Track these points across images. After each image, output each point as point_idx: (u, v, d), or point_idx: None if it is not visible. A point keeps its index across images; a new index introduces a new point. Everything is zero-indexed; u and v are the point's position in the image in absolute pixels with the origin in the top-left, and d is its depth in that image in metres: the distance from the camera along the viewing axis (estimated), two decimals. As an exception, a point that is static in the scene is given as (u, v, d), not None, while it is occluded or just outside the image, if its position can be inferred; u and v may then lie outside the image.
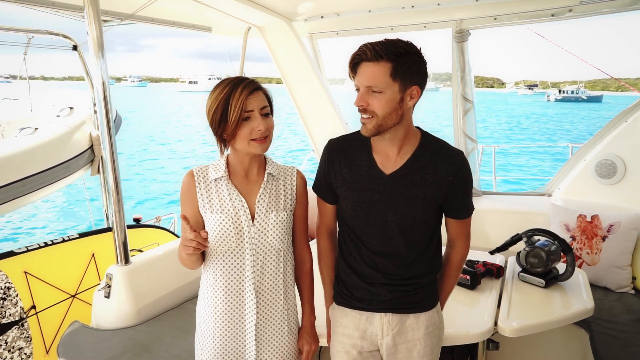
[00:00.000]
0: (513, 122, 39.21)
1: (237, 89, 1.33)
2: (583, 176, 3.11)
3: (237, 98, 1.31)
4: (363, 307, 1.47)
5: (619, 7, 2.69)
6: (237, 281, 1.42)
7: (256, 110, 1.34)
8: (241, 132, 1.34)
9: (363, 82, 1.29)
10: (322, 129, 3.71)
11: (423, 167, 1.38)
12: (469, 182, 1.43)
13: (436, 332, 1.49)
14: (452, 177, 1.38)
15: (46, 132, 3.95)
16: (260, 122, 1.34)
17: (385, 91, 1.28)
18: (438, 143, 1.43)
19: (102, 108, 2.03)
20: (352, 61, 1.32)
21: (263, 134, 1.35)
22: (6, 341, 2.41)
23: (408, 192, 1.38)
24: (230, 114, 1.31)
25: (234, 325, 1.43)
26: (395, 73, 1.26)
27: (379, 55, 1.26)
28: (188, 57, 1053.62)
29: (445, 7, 2.81)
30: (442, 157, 1.39)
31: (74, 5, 2.70)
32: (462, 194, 1.42)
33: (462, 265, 1.57)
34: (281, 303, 1.47)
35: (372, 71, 1.27)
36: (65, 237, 2.93)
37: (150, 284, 2.23)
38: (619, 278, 2.66)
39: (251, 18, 3.11)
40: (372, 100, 1.29)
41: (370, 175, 1.40)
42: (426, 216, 1.41)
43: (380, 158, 1.41)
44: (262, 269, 1.43)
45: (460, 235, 1.52)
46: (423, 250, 1.44)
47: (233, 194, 1.42)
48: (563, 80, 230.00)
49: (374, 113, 1.30)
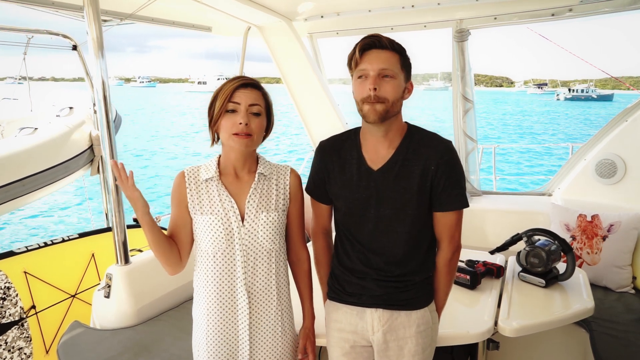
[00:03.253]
0: (512, 121, 39.18)
1: (230, 82, 1.37)
2: (583, 176, 3.11)
3: (225, 88, 1.35)
4: (354, 302, 1.47)
5: (618, 6, 2.69)
6: (229, 282, 1.41)
7: (243, 104, 1.34)
8: (224, 123, 1.35)
9: (377, 65, 1.32)
10: (322, 129, 3.71)
11: (409, 159, 1.38)
12: (454, 172, 1.39)
13: (428, 332, 1.47)
14: (434, 166, 1.36)
15: (46, 132, 3.94)
16: (242, 116, 1.33)
17: (396, 77, 1.33)
18: (422, 133, 1.43)
19: (102, 108, 2.03)
20: (362, 47, 1.34)
21: (244, 129, 1.33)
22: (6, 341, 2.41)
23: (396, 186, 1.38)
24: (216, 102, 1.35)
25: (227, 326, 1.42)
26: (403, 64, 1.35)
27: (391, 46, 1.33)
28: (197, 58, 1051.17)
29: (445, 6, 2.81)
30: (426, 147, 1.39)
31: (74, 5, 2.70)
32: (445, 183, 1.37)
33: (449, 270, 1.48)
34: (274, 304, 1.46)
35: (387, 57, 1.33)
36: (65, 237, 2.93)
37: (150, 284, 2.23)
38: (619, 278, 2.66)
39: (251, 18, 3.11)
40: (384, 85, 1.32)
41: (360, 172, 1.41)
42: (418, 210, 1.40)
43: (369, 155, 1.42)
44: (253, 270, 1.42)
45: (443, 235, 1.44)
46: (415, 248, 1.43)
47: (223, 194, 1.40)
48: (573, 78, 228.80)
49: (385, 99, 1.32)
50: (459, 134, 3.41)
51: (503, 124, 36.07)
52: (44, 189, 3.64)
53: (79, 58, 3.97)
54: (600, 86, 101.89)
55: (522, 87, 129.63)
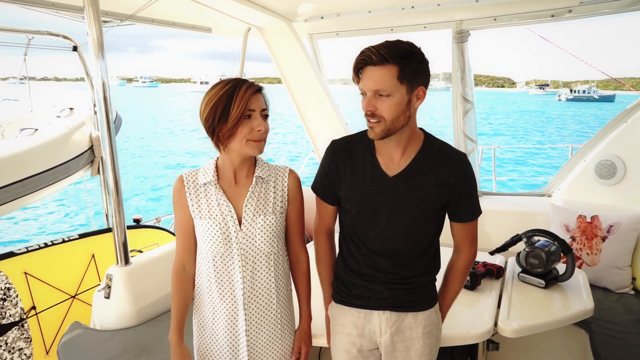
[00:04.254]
0: (512, 121, 39.17)
1: (242, 87, 1.32)
2: (583, 177, 3.11)
3: (241, 95, 1.30)
4: (361, 305, 1.47)
5: (618, 7, 2.69)
6: (228, 286, 1.41)
7: (257, 110, 1.34)
8: (241, 130, 1.32)
9: (370, 86, 1.27)
10: (322, 129, 3.71)
11: (426, 169, 1.38)
12: (473, 184, 1.42)
13: (434, 332, 1.49)
14: (455, 179, 1.37)
15: (46, 132, 3.94)
16: (261, 122, 1.34)
17: (393, 94, 1.26)
18: (441, 145, 1.42)
19: (102, 109, 2.04)
20: (357, 66, 1.30)
21: (262, 135, 1.35)
22: (6, 342, 2.41)
23: (411, 194, 1.37)
24: (233, 110, 1.29)
25: (227, 329, 1.43)
26: (403, 75, 1.25)
27: (385, 59, 1.24)
28: (198, 58, 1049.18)
29: (445, 7, 2.81)
30: (445, 159, 1.38)
31: (74, 5, 2.70)
32: (466, 196, 1.41)
33: (466, 272, 1.53)
34: (274, 307, 1.46)
35: (379, 75, 1.25)
36: (65, 237, 2.93)
37: (150, 285, 2.23)
38: (619, 278, 2.66)
39: (251, 18, 3.11)
40: (380, 105, 1.28)
41: (374, 177, 1.40)
42: (430, 218, 1.40)
43: (383, 160, 1.40)
44: (252, 273, 1.42)
45: (464, 240, 1.49)
46: (424, 251, 1.44)
47: (221, 199, 1.40)
48: (575, 79, 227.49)
49: (382, 117, 1.29)
50: (459, 135, 3.41)
51: (504, 125, 36.05)
52: (44, 189, 3.64)
53: (79, 59, 3.97)
54: (603, 87, 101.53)
55: (524, 87, 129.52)
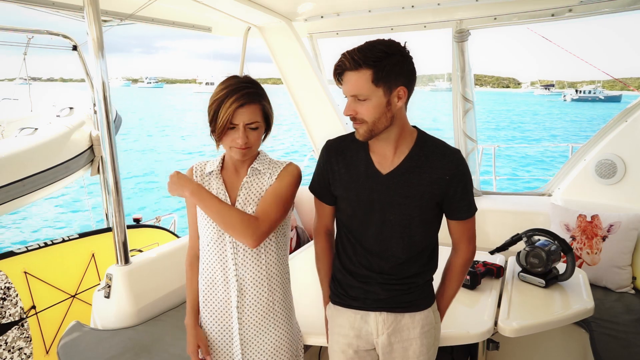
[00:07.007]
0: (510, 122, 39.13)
1: (229, 99, 1.35)
2: (583, 176, 3.11)
3: (226, 109, 1.35)
4: (358, 306, 1.47)
5: (618, 7, 2.69)
6: (222, 272, 1.48)
7: (241, 124, 1.37)
8: (225, 138, 1.41)
9: (348, 91, 1.31)
10: (322, 129, 3.71)
11: (419, 166, 1.38)
12: (467, 181, 1.41)
13: (432, 332, 1.48)
14: (449, 176, 1.37)
15: (46, 132, 3.95)
16: (240, 136, 1.37)
17: (370, 98, 1.28)
18: (435, 142, 1.42)
19: (102, 108, 2.04)
20: (336, 71, 1.32)
21: (241, 147, 1.40)
22: (6, 341, 2.42)
23: (405, 192, 1.37)
24: (219, 120, 1.37)
25: (222, 317, 1.50)
26: (377, 78, 1.25)
27: (358, 64, 1.25)
28: (203, 58, 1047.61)
29: (445, 7, 2.81)
30: (439, 156, 1.38)
31: (74, 5, 2.70)
32: (461, 193, 1.40)
33: (465, 270, 1.52)
34: (265, 295, 1.49)
35: (355, 80, 1.27)
36: (65, 237, 2.93)
37: (150, 284, 2.24)
38: (619, 278, 2.66)
39: (251, 18, 3.11)
40: (359, 108, 1.30)
41: (368, 175, 1.40)
42: (424, 216, 1.40)
43: (377, 158, 1.41)
44: (243, 261, 1.47)
45: (462, 238, 1.48)
46: (420, 251, 1.44)
47: (220, 187, 1.48)
48: (581, 80, 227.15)
49: (363, 120, 1.31)
50: (459, 134, 3.41)
51: (508, 126, 36.06)
52: (44, 189, 3.64)
53: (79, 58, 3.97)
54: (609, 87, 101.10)
55: (529, 88, 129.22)
